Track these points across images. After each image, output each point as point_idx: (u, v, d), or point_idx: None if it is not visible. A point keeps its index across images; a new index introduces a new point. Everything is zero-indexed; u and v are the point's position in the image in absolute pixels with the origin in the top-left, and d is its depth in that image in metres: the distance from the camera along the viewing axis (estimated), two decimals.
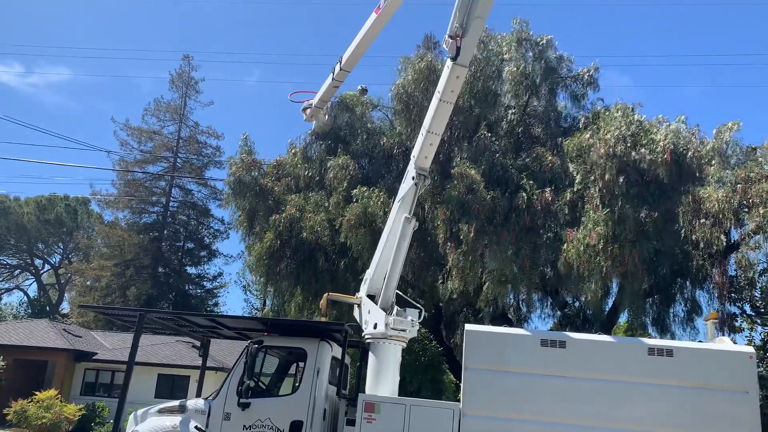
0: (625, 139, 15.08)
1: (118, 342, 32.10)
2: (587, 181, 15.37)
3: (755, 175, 14.96)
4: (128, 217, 49.77)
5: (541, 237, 15.67)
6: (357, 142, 19.35)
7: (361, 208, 16.87)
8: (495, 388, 9.69)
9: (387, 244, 11.96)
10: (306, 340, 10.82)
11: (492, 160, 16.56)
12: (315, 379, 10.32)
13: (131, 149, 50.27)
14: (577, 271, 14.44)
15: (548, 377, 9.67)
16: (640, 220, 14.92)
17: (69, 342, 30.02)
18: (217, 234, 51.84)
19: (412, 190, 11.85)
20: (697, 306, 18.01)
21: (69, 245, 59.40)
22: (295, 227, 18.31)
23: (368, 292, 11.96)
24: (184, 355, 29.34)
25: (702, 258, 15.90)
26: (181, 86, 51.33)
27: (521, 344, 9.99)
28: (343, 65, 16.23)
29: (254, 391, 10.46)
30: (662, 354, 9.61)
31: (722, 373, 9.44)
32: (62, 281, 59.63)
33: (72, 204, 58.43)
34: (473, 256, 15.56)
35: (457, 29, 10.83)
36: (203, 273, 52.39)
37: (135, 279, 46.75)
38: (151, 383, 27.76)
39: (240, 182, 19.50)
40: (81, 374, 30.26)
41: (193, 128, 51.31)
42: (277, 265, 18.41)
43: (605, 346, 10.01)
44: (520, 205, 15.39)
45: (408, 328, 11.14)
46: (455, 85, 11.41)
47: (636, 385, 9.53)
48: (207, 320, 12.38)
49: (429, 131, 11.70)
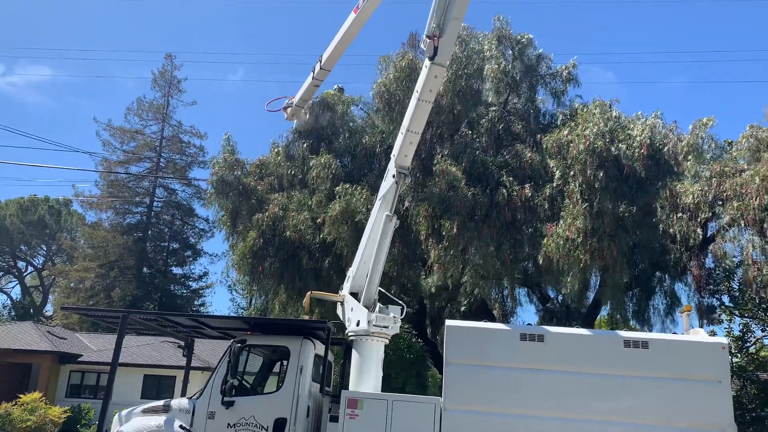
0: (603, 134, 15.32)
1: (103, 343, 31.96)
2: (566, 176, 15.59)
3: (729, 170, 15.25)
4: (112, 217, 49.44)
5: (521, 232, 15.89)
6: (339, 141, 19.44)
7: (344, 206, 16.97)
8: (475, 382, 9.85)
9: (369, 242, 12.09)
10: (289, 338, 10.92)
11: (473, 158, 16.73)
12: (298, 377, 10.42)
13: (114, 149, 49.96)
14: (557, 264, 14.67)
15: (527, 371, 9.84)
16: (618, 215, 15.16)
17: (53, 344, 29.86)
18: (201, 233, 51.66)
19: (393, 188, 11.97)
20: (676, 299, 18.32)
21: (52, 247, 58.90)
22: (279, 226, 18.36)
23: (351, 290, 12.09)
24: (170, 355, 29.28)
25: (680, 251, 16.17)
26: (163, 85, 51.06)
27: (500, 339, 10.16)
28: (323, 64, 16.30)
29: (238, 390, 10.56)
30: (638, 346, 9.81)
31: (696, 363, 9.66)
32: (46, 283, 59.15)
33: (55, 205, 57.96)
34: (455, 252, 15.73)
35: (434, 29, 10.95)
36: (188, 273, 52.21)
37: (119, 280, 46.48)
38: (137, 384, 27.72)
39: (223, 182, 19.52)
40: (66, 376, 30.12)
41: (176, 128, 51.05)
42: (260, 264, 18.46)
43: (582, 340, 10.19)
44: (501, 201, 15.59)
45: (390, 324, 11.28)
46: (433, 85, 11.54)
47: (613, 377, 9.73)
48: (190, 320, 12.44)
49: (408, 130, 11.82)
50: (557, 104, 18.86)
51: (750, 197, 14.23)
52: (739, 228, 15.03)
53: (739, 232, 15.19)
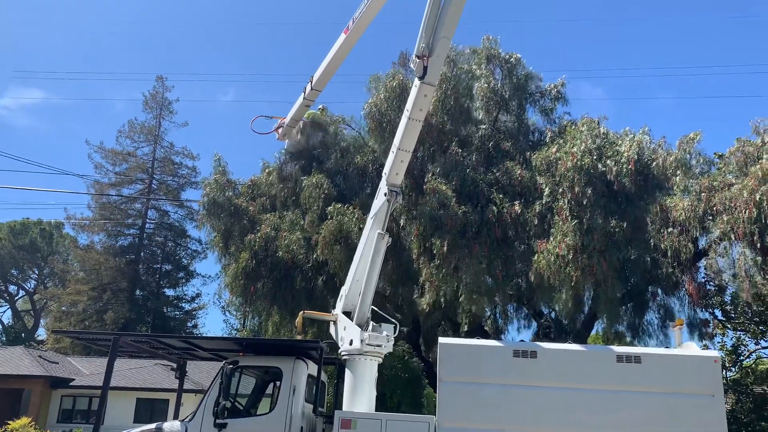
0: (591, 151, 15.44)
1: (95, 367, 31.68)
2: (556, 193, 15.68)
3: (718, 184, 15.36)
4: (104, 240, 49.28)
5: (512, 249, 15.93)
6: (331, 160, 19.50)
7: (336, 225, 16.98)
8: (470, 399, 9.82)
9: (361, 261, 12.08)
10: (281, 358, 10.86)
11: (463, 175, 16.81)
12: (291, 398, 10.35)
13: (106, 171, 49.94)
14: (548, 281, 14.69)
15: (521, 387, 9.84)
16: (608, 230, 15.22)
17: (45, 369, 29.59)
18: (194, 254, 51.52)
19: (384, 206, 11.99)
20: (669, 313, 18.37)
21: (44, 270, 58.54)
22: (271, 246, 18.34)
23: (344, 309, 12.06)
24: (163, 378, 29.04)
25: (672, 266, 16.24)
26: (155, 107, 51.22)
27: (494, 356, 10.17)
28: (314, 85, 16.38)
29: (231, 412, 10.47)
30: (630, 361, 9.85)
31: (689, 377, 9.71)
32: (38, 307, 58.68)
33: (46, 228, 57.69)
34: (447, 270, 15.74)
35: (423, 49, 11.05)
36: (181, 294, 51.98)
37: (112, 303, 46.22)
38: (130, 408, 27.50)
39: (214, 203, 19.52)
40: (58, 401, 29.85)
41: (168, 149, 51.13)
42: (253, 284, 18.41)
43: (575, 355, 10.21)
44: (491, 218, 15.65)
45: (383, 343, 11.23)
46: (423, 104, 11.62)
47: (606, 392, 9.74)
48: (182, 342, 12.37)
49: (399, 149, 11.87)
50: (546, 122, 19.05)
51: (739, 211, 14.32)
52: (730, 242, 15.10)
53: (730, 246, 15.25)
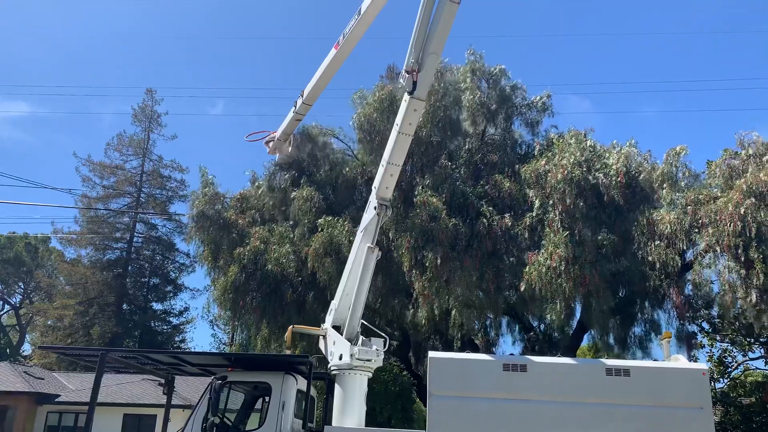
0: (579, 164, 15.57)
1: (82, 383, 31.28)
2: (546, 205, 15.78)
3: (704, 197, 15.53)
4: (91, 254, 48.83)
5: (503, 261, 16.00)
6: (320, 173, 19.54)
7: (327, 238, 16.98)
8: (460, 414, 9.79)
9: (351, 274, 12.07)
10: (270, 374, 10.80)
11: (453, 188, 16.89)
12: (280, 413, 10.29)
13: (93, 185, 49.62)
14: (540, 293, 14.74)
15: (511, 401, 9.82)
16: (598, 242, 15.33)
17: (30, 384, 29.18)
18: (182, 268, 51.10)
19: (374, 220, 11.99)
20: (657, 325, 18.44)
21: (30, 285, 57.93)
22: (260, 260, 18.29)
23: (334, 323, 12.04)
24: (151, 393, 28.73)
25: (659, 278, 16.35)
26: (144, 120, 51.01)
27: (484, 369, 10.14)
28: (304, 99, 16.40)
29: (219, 428, 10.38)
30: (620, 374, 9.85)
31: (677, 390, 9.71)
32: (23, 322, 57.97)
33: (32, 242, 57.15)
34: (438, 283, 15.76)
35: (413, 64, 11.14)
36: (169, 308, 51.48)
37: (99, 317, 45.73)
38: (117, 424, 27.18)
39: (203, 216, 19.47)
40: (43, 418, 29.39)
41: (157, 162, 50.88)
42: (242, 298, 18.32)
43: (565, 369, 10.20)
44: (481, 231, 15.73)
45: (373, 357, 11.19)
46: (413, 118, 11.68)
47: (596, 406, 9.73)
48: (170, 357, 12.27)
49: (389, 162, 11.90)
50: (533, 134, 19.21)
51: (724, 224, 14.48)
52: (715, 254, 15.24)
53: (716, 258, 15.39)
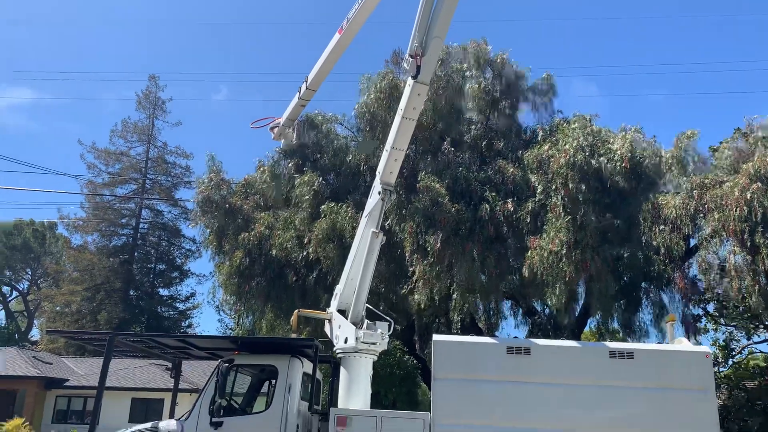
0: (583, 149, 15.54)
1: (89, 367, 31.63)
2: (548, 190, 15.77)
3: (710, 181, 15.50)
4: (97, 240, 49.16)
5: (505, 246, 16.03)
6: (324, 159, 19.55)
7: (330, 224, 17.03)
8: (464, 396, 9.86)
9: (356, 259, 12.12)
10: (277, 357, 10.89)
11: (456, 174, 16.89)
12: (287, 396, 10.39)
13: (99, 172, 49.80)
14: (541, 277, 14.77)
15: (515, 384, 9.89)
16: (601, 227, 15.33)
17: (39, 369, 29.54)
18: (188, 254, 51.42)
19: (378, 204, 12.02)
20: (662, 309, 18.45)
21: (37, 271, 58.36)
22: (265, 245, 18.38)
23: (338, 307, 12.11)
24: (158, 378, 29.04)
25: (664, 263, 16.36)
26: (148, 107, 51.10)
27: (488, 352, 10.21)
28: (309, 84, 16.42)
29: (226, 410, 10.49)
30: (623, 357, 9.91)
31: (680, 372, 9.76)
32: (31, 308, 58.47)
33: (39, 229, 57.49)
34: (440, 267, 15.81)
35: (417, 48, 11.13)
36: (175, 294, 51.87)
37: (106, 303, 46.08)
38: (125, 408, 27.48)
39: (208, 201, 19.54)
40: (52, 401, 29.80)
41: (162, 149, 51.03)
42: (247, 283, 18.44)
43: (568, 352, 10.27)
44: (484, 216, 15.73)
45: (378, 341, 11.27)
46: (417, 103, 11.67)
47: (599, 388, 9.79)
48: (177, 341, 12.39)
49: (393, 147, 11.92)
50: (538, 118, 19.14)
51: (730, 208, 14.44)
52: (721, 239, 15.23)
53: (721, 243, 15.38)
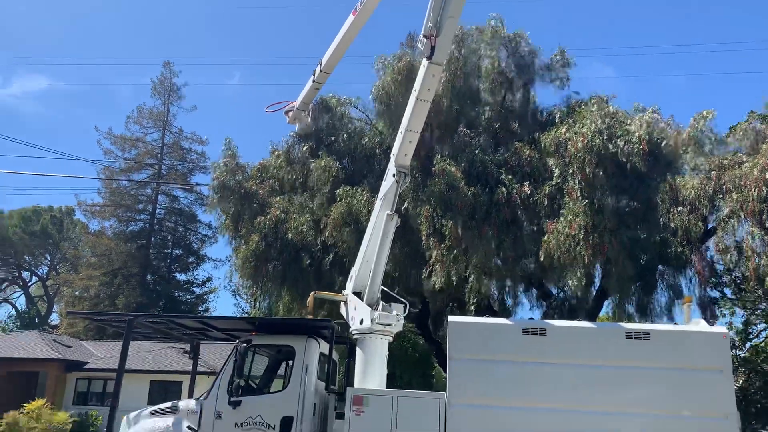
0: (601, 132, 15.41)
1: (108, 351, 32.08)
2: (565, 174, 15.67)
3: (728, 162, 15.33)
4: (115, 225, 49.67)
5: (522, 230, 15.97)
6: (339, 143, 19.55)
7: (345, 207, 17.07)
8: (479, 376, 9.93)
9: (370, 242, 12.17)
10: (294, 337, 11.02)
11: (472, 157, 16.82)
12: (304, 375, 10.52)
13: (115, 158, 50.22)
14: (558, 261, 14.72)
15: (530, 364, 9.93)
16: (618, 210, 15.24)
17: (60, 352, 30.00)
18: (204, 239, 51.83)
19: (393, 187, 12.03)
20: (678, 292, 18.33)
21: (56, 256, 59.12)
22: (281, 229, 18.48)
23: (354, 289, 12.20)
24: (176, 360, 29.39)
25: (681, 245, 16.23)
26: (163, 93, 51.30)
27: (503, 333, 10.26)
28: (323, 67, 16.40)
29: (244, 390, 10.66)
30: (639, 337, 9.91)
31: (697, 353, 9.76)
32: (51, 293, 59.32)
33: (57, 215, 58.17)
34: (457, 251, 15.81)
35: (431, 29, 11.05)
36: (192, 279, 52.35)
37: (124, 287, 46.65)
38: (144, 390, 27.78)
39: (224, 186, 19.65)
40: (73, 384, 30.26)
41: (177, 134, 51.29)
42: (263, 266, 18.58)
43: (584, 332, 10.28)
44: (500, 199, 15.68)
45: (393, 322, 11.35)
46: (431, 84, 11.63)
47: (615, 369, 9.80)
48: (195, 322, 12.56)
49: (408, 129, 11.90)
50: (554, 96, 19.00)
51: (749, 189, 14.28)
52: (739, 220, 15.08)
53: (739, 224, 15.23)
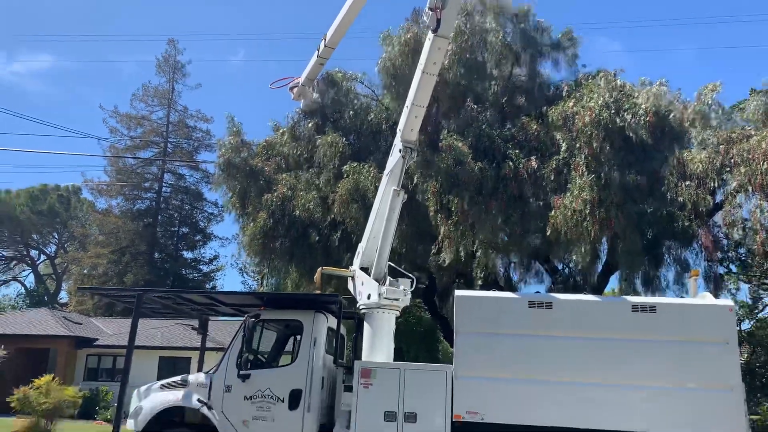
0: (608, 105, 15.29)
1: (118, 327, 32.46)
2: (572, 148, 15.59)
3: (737, 136, 15.21)
4: (122, 204, 49.95)
5: (529, 205, 15.94)
6: (345, 119, 19.46)
7: (353, 184, 17.06)
8: (485, 349, 10.00)
9: (377, 217, 12.21)
10: (302, 312, 11.11)
11: (479, 132, 16.73)
12: (312, 349, 10.63)
13: (121, 136, 50.30)
14: (565, 236, 14.71)
15: (536, 337, 9.98)
16: (625, 184, 15.18)
17: (69, 329, 30.37)
18: (211, 217, 52.12)
19: (399, 163, 12.01)
20: (685, 266, 18.32)
21: (64, 235, 59.51)
22: (288, 206, 18.50)
23: (361, 265, 12.28)
24: (184, 337, 29.71)
25: (688, 219, 16.18)
26: (167, 70, 51.22)
27: (510, 307, 10.30)
28: (327, 42, 16.29)
29: (253, 363, 10.79)
30: (645, 311, 9.94)
31: (703, 325, 9.77)
32: (59, 271, 59.81)
33: (64, 194, 58.41)
34: (464, 227, 15.81)
35: (436, 1, 10.97)
36: (199, 257, 52.72)
37: (131, 265, 47.03)
38: (153, 366, 28.16)
39: (230, 164, 19.63)
40: (83, 360, 30.70)
41: (182, 113, 51.29)
42: (271, 244, 18.63)
43: (591, 306, 10.32)
44: (507, 174, 15.62)
45: (401, 297, 11.43)
46: (437, 57, 11.56)
47: (621, 342, 9.84)
48: (204, 297, 12.65)
49: (414, 104, 11.85)
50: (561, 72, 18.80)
51: (757, 162, 14.17)
52: (747, 194, 15.01)
53: (747, 198, 15.16)
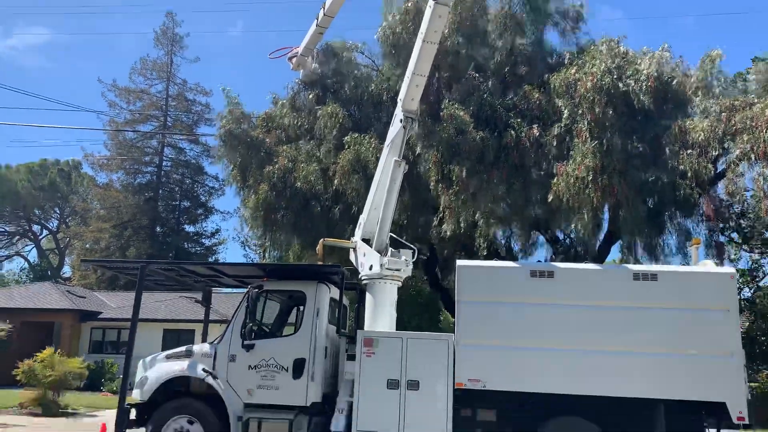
0: (610, 71, 15.14)
1: (121, 301, 32.67)
2: (575, 115, 15.47)
3: (739, 104, 15.08)
4: (122, 178, 49.93)
5: (531, 174, 15.89)
6: (345, 90, 19.31)
7: (354, 155, 17.00)
8: (487, 318, 10.06)
9: (379, 188, 12.18)
10: (304, 282, 11.16)
11: (480, 101, 16.61)
12: (315, 319, 10.71)
13: (120, 110, 50.04)
14: (567, 204, 14.66)
15: (538, 306, 10.01)
16: (628, 151, 15.10)
17: (74, 303, 30.60)
18: (212, 191, 52.09)
19: (400, 133, 11.93)
20: (687, 235, 18.31)
21: (65, 210, 59.58)
22: (289, 178, 18.44)
23: (363, 236, 12.28)
24: (188, 309, 29.95)
25: (690, 187, 16.13)
26: (166, 43, 50.78)
27: (511, 276, 10.34)
28: (326, 11, 16.12)
29: (257, 334, 10.87)
30: (647, 279, 9.96)
31: (704, 293, 9.80)
32: (62, 245, 60.02)
33: (65, 168, 58.35)
34: (465, 196, 15.78)
35: None
36: (201, 231, 52.82)
37: (134, 239, 47.20)
38: (157, 338, 28.40)
39: (231, 135, 19.51)
40: (88, 333, 30.99)
41: (181, 86, 50.96)
42: (273, 216, 18.61)
43: (592, 274, 10.35)
44: (509, 143, 15.54)
45: (402, 267, 11.46)
46: (438, 25, 11.43)
47: (623, 309, 9.88)
48: (207, 269, 12.70)
49: (414, 73, 11.73)
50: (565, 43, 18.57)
51: (760, 130, 14.09)
52: (749, 162, 14.94)
53: (750, 167, 15.10)
